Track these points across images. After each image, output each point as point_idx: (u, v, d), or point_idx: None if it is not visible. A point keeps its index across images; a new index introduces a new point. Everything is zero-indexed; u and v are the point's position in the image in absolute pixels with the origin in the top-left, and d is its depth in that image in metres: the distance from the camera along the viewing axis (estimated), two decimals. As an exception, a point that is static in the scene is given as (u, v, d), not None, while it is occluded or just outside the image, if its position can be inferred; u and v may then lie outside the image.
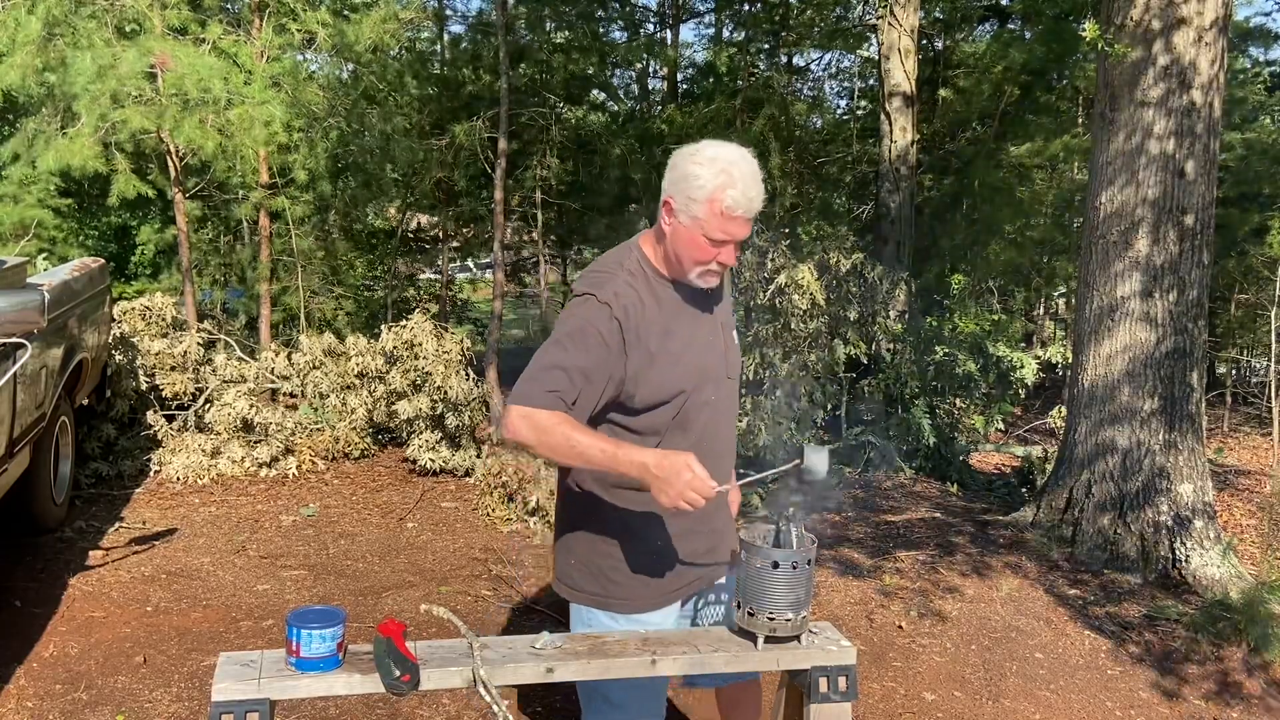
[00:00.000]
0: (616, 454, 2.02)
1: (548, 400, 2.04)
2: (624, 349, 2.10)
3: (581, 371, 2.07)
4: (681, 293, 2.23)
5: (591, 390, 2.09)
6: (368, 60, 8.89)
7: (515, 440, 2.06)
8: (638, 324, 2.12)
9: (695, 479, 1.96)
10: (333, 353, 7.50)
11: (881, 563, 5.35)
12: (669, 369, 2.16)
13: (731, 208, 2.11)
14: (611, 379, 2.11)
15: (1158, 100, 5.29)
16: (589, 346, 2.08)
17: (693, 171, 2.12)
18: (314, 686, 2.08)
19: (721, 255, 2.16)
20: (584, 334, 2.09)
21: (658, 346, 2.14)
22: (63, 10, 7.19)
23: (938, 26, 13.12)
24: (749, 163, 2.15)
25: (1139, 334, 5.41)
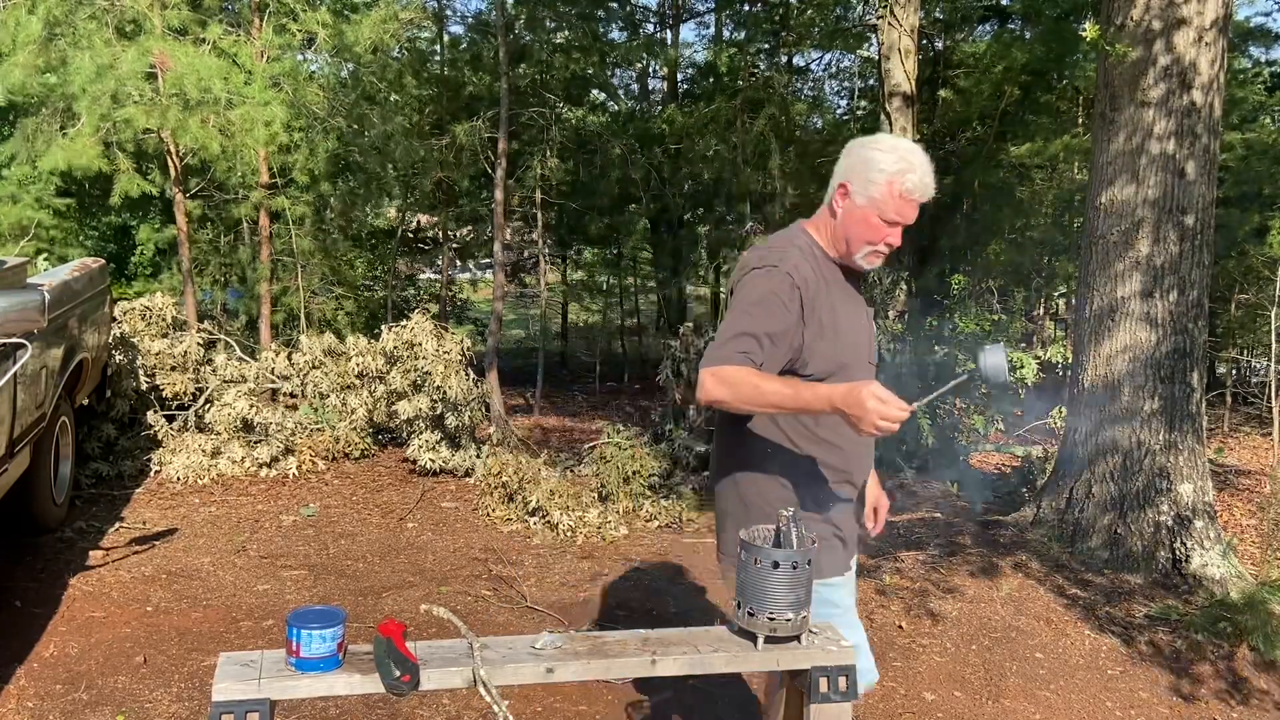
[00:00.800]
0: (802, 394, 2.12)
1: (738, 361, 2.15)
2: (802, 318, 2.23)
3: (768, 335, 2.19)
4: (842, 275, 2.38)
5: (777, 354, 2.21)
6: (368, 60, 8.89)
7: (709, 400, 2.16)
8: (814, 296, 2.25)
9: (885, 403, 2.01)
10: (333, 353, 7.50)
11: (882, 563, 5.35)
12: (835, 342, 2.28)
13: (910, 190, 2.26)
14: (792, 345, 2.23)
15: (1158, 100, 5.29)
16: (774, 312, 2.21)
17: (874, 156, 2.27)
18: (314, 686, 2.08)
19: (890, 236, 2.29)
20: (769, 301, 2.22)
21: (828, 319, 2.27)
22: (63, 10, 7.19)
23: (938, 26, 13.11)
24: (923, 153, 2.31)
25: (1139, 334, 5.41)
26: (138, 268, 14.10)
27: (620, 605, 4.68)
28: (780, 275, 2.25)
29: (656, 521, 5.93)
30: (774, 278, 2.25)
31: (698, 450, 6.86)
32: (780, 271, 2.25)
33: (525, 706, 3.59)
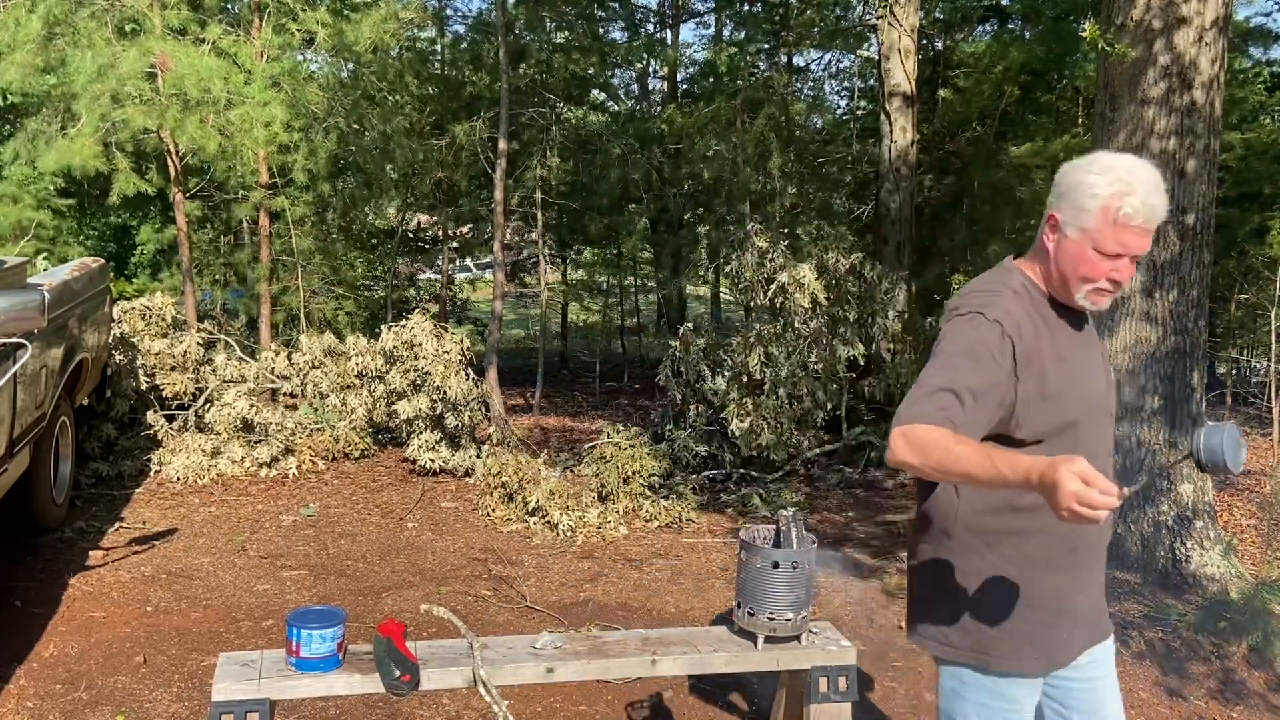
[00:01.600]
0: (999, 465, 1.78)
1: (934, 419, 1.87)
2: (1015, 372, 1.94)
3: (970, 391, 1.90)
4: (1066, 317, 2.06)
5: (980, 413, 1.91)
6: (368, 60, 8.89)
7: (896, 462, 1.91)
8: (1029, 345, 1.96)
9: (1088, 486, 1.66)
10: (333, 353, 7.50)
11: (882, 563, 5.35)
12: (1060, 397, 1.98)
13: (1129, 215, 1.91)
14: (1001, 403, 1.94)
15: (1158, 99, 5.29)
16: (980, 365, 1.92)
17: (1084, 180, 1.96)
18: (314, 686, 2.08)
19: (1115, 271, 1.96)
20: (974, 353, 1.93)
21: (1051, 371, 1.97)
22: (63, 10, 7.19)
23: (938, 26, 13.10)
24: (1148, 169, 1.97)
25: (1139, 333, 5.41)
26: (138, 268, 14.09)
27: (620, 605, 4.67)
28: (986, 325, 1.95)
29: (656, 521, 5.93)
30: (980, 326, 1.96)
31: (698, 450, 6.86)
32: (987, 319, 1.96)
33: (525, 706, 3.58)
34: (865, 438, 7.35)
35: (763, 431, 6.56)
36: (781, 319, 6.87)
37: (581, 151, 11.68)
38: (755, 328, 7.01)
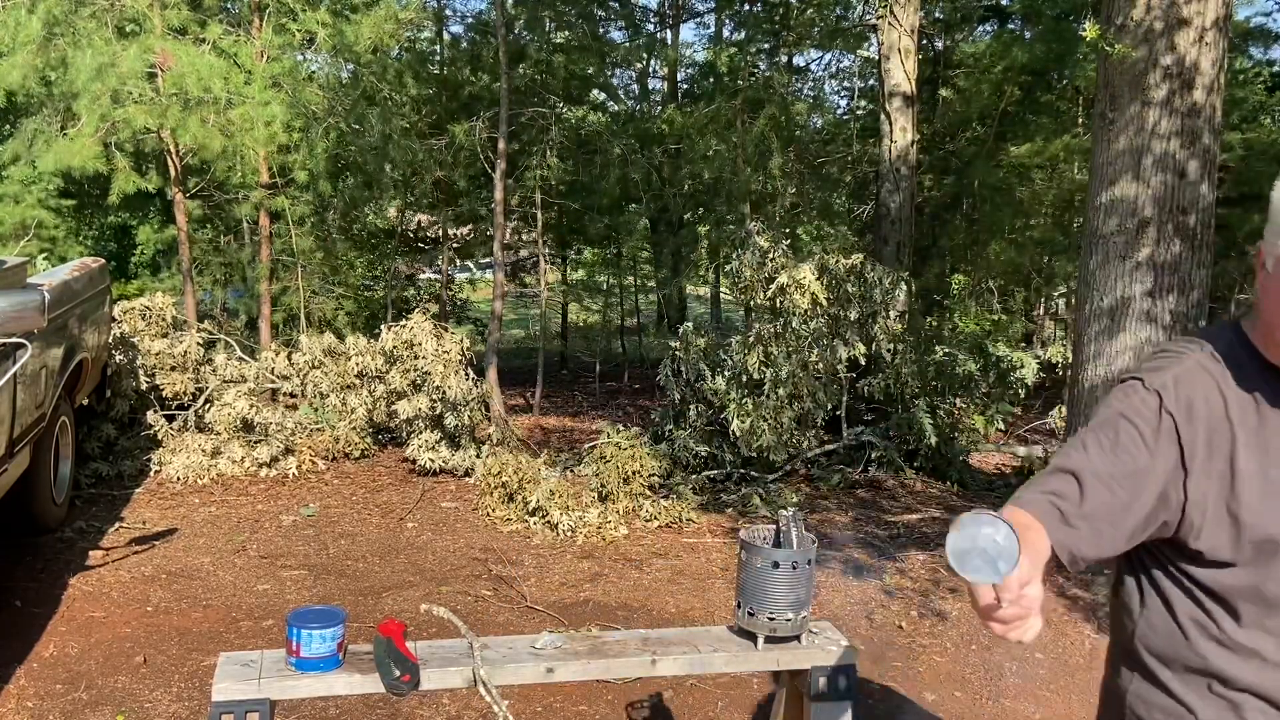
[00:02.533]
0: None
1: (1038, 505, 1.49)
2: (1181, 461, 1.48)
3: (1097, 476, 1.49)
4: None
5: (1112, 503, 1.48)
6: (367, 60, 8.89)
7: None
8: (1211, 428, 1.49)
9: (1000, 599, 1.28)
10: (333, 353, 7.50)
11: (882, 563, 5.35)
12: (1262, 503, 1.45)
13: None
14: (1156, 496, 1.48)
15: (1160, 100, 5.29)
16: (1119, 446, 1.50)
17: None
18: (314, 686, 2.08)
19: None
20: (1116, 429, 1.51)
21: (1246, 467, 1.47)
22: (63, 10, 7.19)
23: (938, 26, 13.10)
24: None
25: (1140, 334, 5.41)
26: (138, 268, 14.10)
27: (620, 605, 4.67)
28: (1142, 395, 1.52)
29: (656, 521, 5.93)
30: (1130, 396, 1.53)
31: (698, 450, 6.86)
32: (1145, 388, 1.52)
33: (525, 706, 3.58)
34: (865, 437, 7.35)
35: (763, 432, 6.56)
36: (781, 319, 6.87)
37: (581, 151, 11.68)
38: (755, 328, 7.01)
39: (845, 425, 7.50)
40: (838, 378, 7.11)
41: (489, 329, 9.62)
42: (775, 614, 2.22)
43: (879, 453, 7.26)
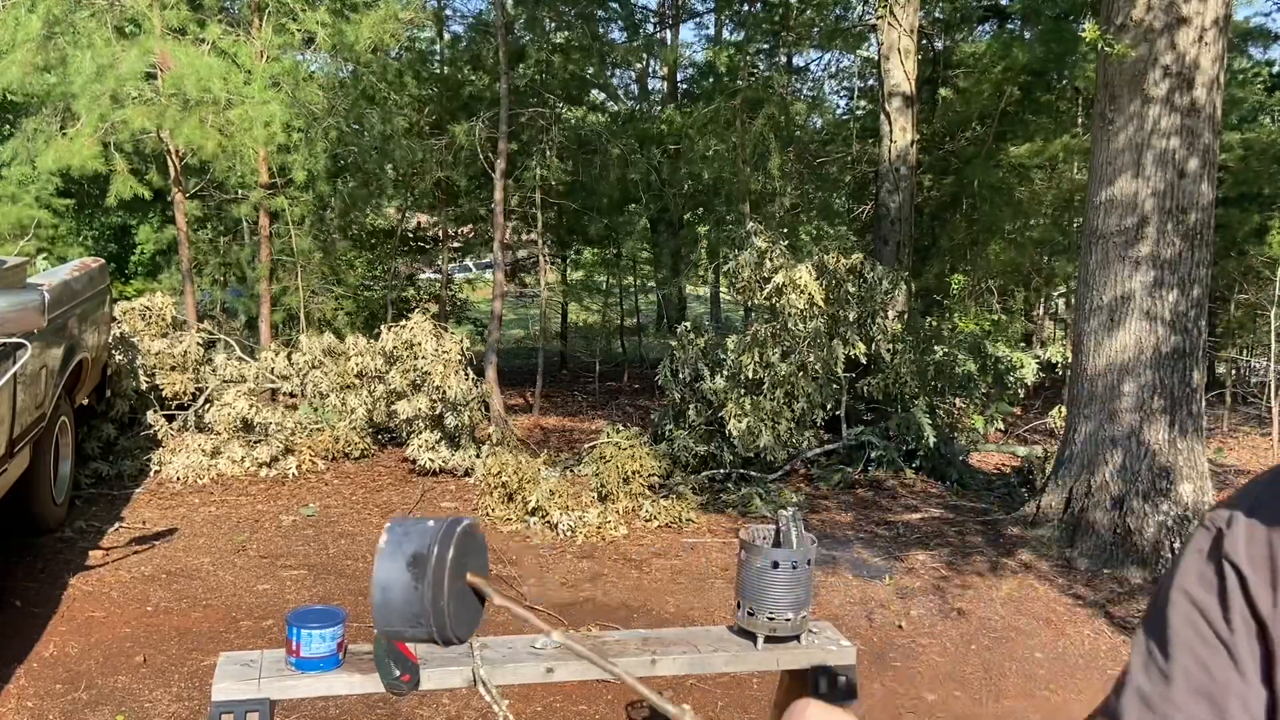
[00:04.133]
0: None
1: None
2: (1254, 653, 0.85)
3: (1163, 696, 0.89)
4: None
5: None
6: (367, 60, 8.89)
7: None
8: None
9: None
10: (332, 353, 7.50)
11: (882, 562, 5.35)
12: None
13: None
14: (1242, 705, 0.86)
15: (1160, 99, 5.29)
16: (1174, 639, 0.92)
17: None
18: (314, 686, 2.08)
19: None
20: (1175, 610, 0.92)
21: None
22: (63, 9, 7.19)
23: (938, 26, 13.10)
24: None
25: (1140, 333, 5.41)
26: (137, 267, 14.10)
27: (620, 605, 4.67)
28: (1201, 541, 0.92)
29: (656, 521, 5.92)
30: (1200, 552, 0.91)
31: (697, 450, 6.86)
32: (1204, 534, 0.92)
33: (525, 706, 3.58)
34: (865, 437, 7.35)
35: (761, 432, 6.56)
36: (779, 319, 6.87)
37: (581, 151, 11.67)
38: (754, 328, 7.01)
39: (845, 425, 7.50)
40: (836, 378, 7.11)
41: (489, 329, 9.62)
42: (775, 614, 2.22)
43: (878, 452, 7.26)
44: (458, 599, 1.20)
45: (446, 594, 1.18)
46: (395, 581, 1.26)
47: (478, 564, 1.27)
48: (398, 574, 1.24)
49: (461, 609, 1.22)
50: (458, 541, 1.22)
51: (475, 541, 1.27)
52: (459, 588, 1.19)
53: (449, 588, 1.17)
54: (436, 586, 1.20)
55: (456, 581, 1.19)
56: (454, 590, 1.19)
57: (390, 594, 1.26)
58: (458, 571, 1.19)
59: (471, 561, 1.25)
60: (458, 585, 1.19)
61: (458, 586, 1.19)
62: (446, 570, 1.17)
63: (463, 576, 1.21)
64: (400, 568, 1.24)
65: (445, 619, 1.21)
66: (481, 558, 1.28)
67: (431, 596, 1.18)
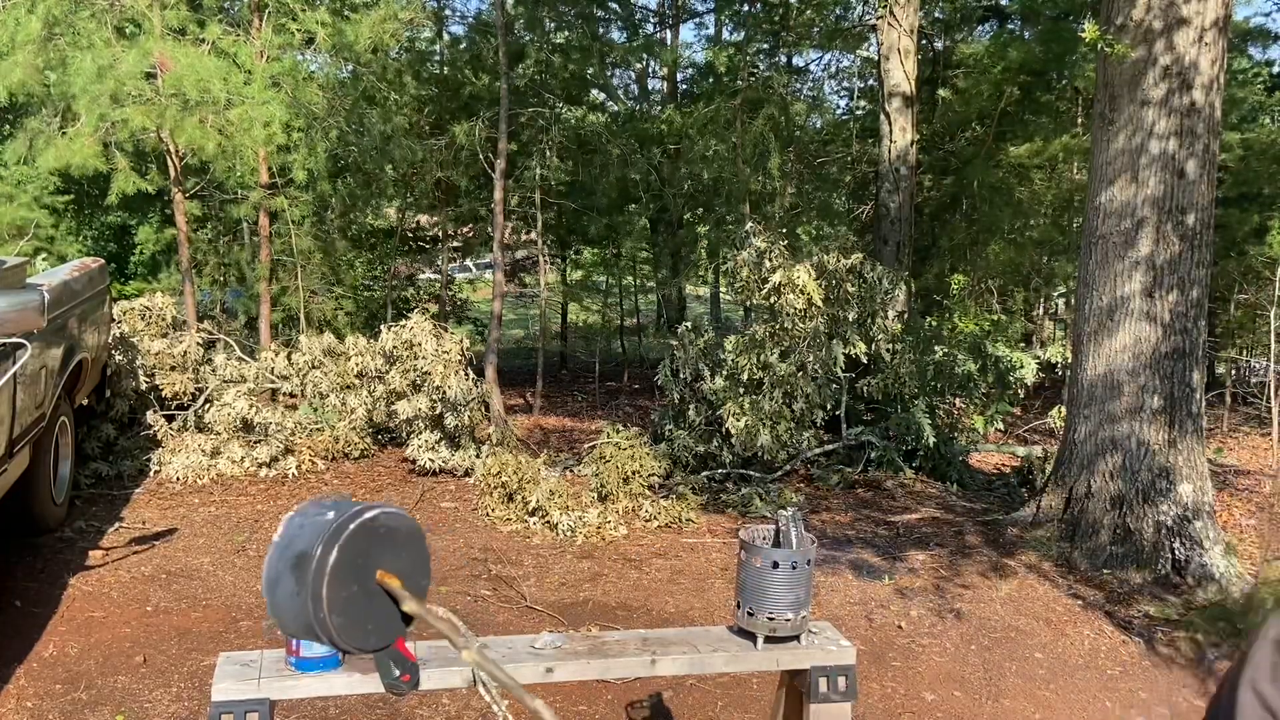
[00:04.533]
0: None
1: None
2: None
3: None
4: None
5: None
6: (367, 60, 8.89)
7: None
8: None
9: None
10: (332, 353, 7.50)
11: (881, 562, 5.35)
12: None
13: None
14: None
15: (1159, 100, 5.29)
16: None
17: None
18: (314, 686, 2.08)
19: None
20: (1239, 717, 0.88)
21: None
22: (63, 10, 7.19)
23: (938, 26, 13.11)
24: None
25: (1139, 333, 5.41)
26: (137, 267, 14.10)
27: (620, 605, 4.67)
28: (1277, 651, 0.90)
29: (656, 521, 5.93)
30: (1264, 663, 0.89)
31: (697, 450, 6.86)
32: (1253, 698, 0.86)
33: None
34: (865, 437, 7.35)
35: (760, 432, 6.56)
36: (778, 319, 6.87)
37: (581, 151, 11.68)
38: (753, 328, 7.01)
39: (845, 425, 7.50)
40: (836, 378, 7.11)
41: (488, 329, 9.62)
42: (775, 614, 2.22)
43: (878, 453, 7.26)
44: (355, 605, 1.03)
45: (327, 603, 0.99)
46: (281, 583, 1.10)
47: (398, 561, 1.06)
48: (284, 574, 1.10)
49: (366, 615, 1.06)
50: (350, 540, 1.02)
51: (392, 535, 1.05)
52: (354, 593, 1.03)
53: (331, 595, 0.98)
54: (315, 595, 1.02)
55: (348, 587, 1.02)
56: (346, 597, 1.03)
57: (276, 596, 1.11)
58: (350, 575, 1.01)
59: (386, 559, 1.05)
60: (351, 590, 1.02)
61: (351, 592, 1.03)
62: (326, 576, 0.99)
63: (363, 579, 1.03)
64: (286, 568, 1.08)
65: (329, 629, 1.03)
66: (406, 552, 1.05)
67: (312, 606, 1.02)
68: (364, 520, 1.04)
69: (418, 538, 1.06)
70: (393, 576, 1.02)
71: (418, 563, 1.03)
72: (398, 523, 1.00)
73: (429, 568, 0.97)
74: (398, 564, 1.03)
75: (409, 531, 1.05)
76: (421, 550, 1.03)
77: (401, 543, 1.07)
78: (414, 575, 1.02)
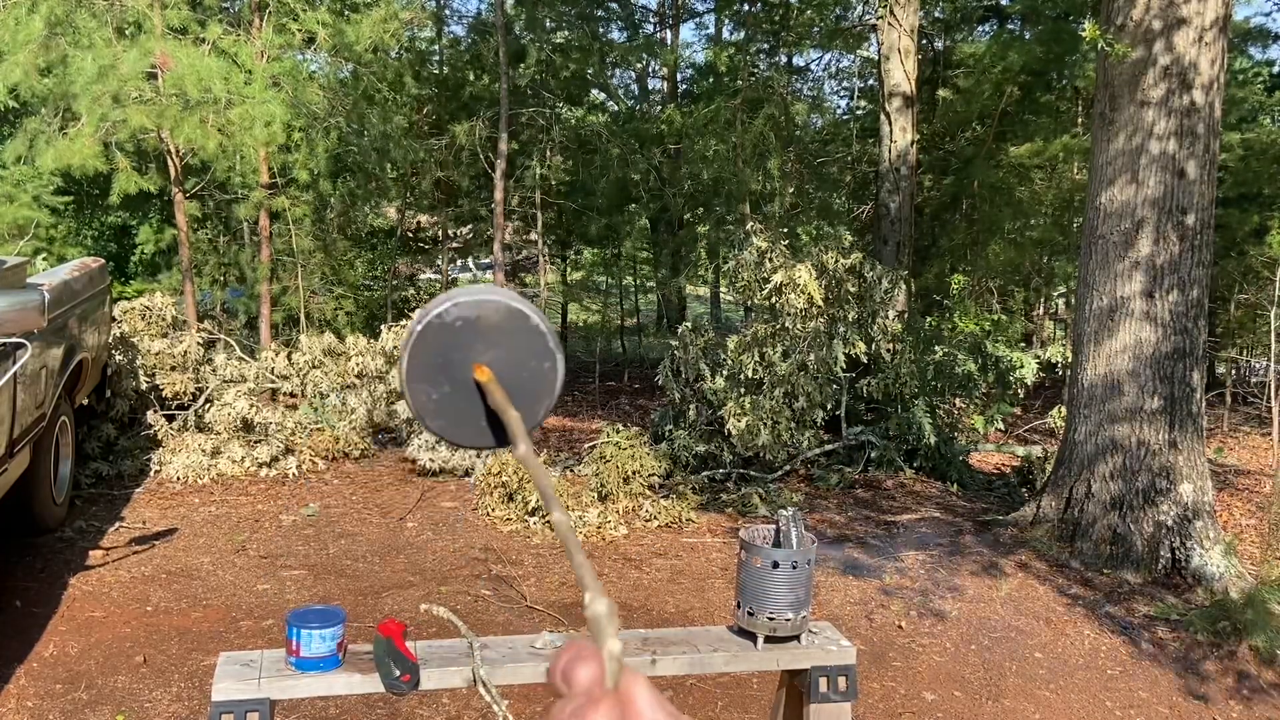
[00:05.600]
0: None
1: None
2: None
3: None
4: None
5: None
6: (368, 60, 8.89)
7: None
8: None
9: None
10: (333, 352, 7.50)
11: (881, 562, 5.35)
12: None
13: None
14: None
15: (1159, 100, 5.29)
16: None
17: None
18: (314, 686, 2.08)
19: None
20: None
21: None
22: (64, 10, 7.19)
23: (938, 26, 13.11)
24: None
25: (1140, 333, 5.41)
26: (137, 267, 14.09)
27: (620, 605, 4.67)
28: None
29: (656, 521, 5.93)
30: None
31: (697, 450, 6.86)
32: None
33: (525, 706, 3.58)
34: (865, 437, 7.35)
35: (760, 432, 6.56)
36: (779, 319, 6.87)
37: (581, 151, 11.68)
38: (754, 327, 7.01)
39: (845, 425, 7.50)
40: (836, 377, 7.10)
41: (489, 329, 9.60)
42: (775, 614, 2.22)
43: (878, 452, 7.26)
44: (452, 406, 0.91)
45: (418, 410, 0.86)
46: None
47: (493, 352, 0.90)
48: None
49: (473, 414, 0.87)
50: (421, 342, 0.90)
51: (474, 326, 0.90)
52: (447, 394, 0.83)
53: (419, 402, 0.84)
54: (408, 403, 0.92)
55: (437, 388, 0.83)
56: (438, 399, 0.83)
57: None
58: (435, 376, 0.82)
59: (480, 352, 0.90)
60: (443, 391, 0.83)
61: (444, 393, 0.83)
62: (406, 385, 0.84)
63: (455, 377, 0.82)
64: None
65: (438, 435, 0.88)
66: (503, 341, 0.89)
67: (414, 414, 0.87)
68: (430, 321, 0.89)
69: (514, 320, 0.85)
70: (484, 369, 0.85)
71: (518, 348, 0.83)
72: (479, 311, 0.81)
73: (543, 345, 0.75)
74: (493, 355, 0.86)
75: (500, 317, 0.84)
76: (522, 334, 0.81)
77: (492, 332, 0.90)
78: (514, 363, 0.81)
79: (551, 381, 0.71)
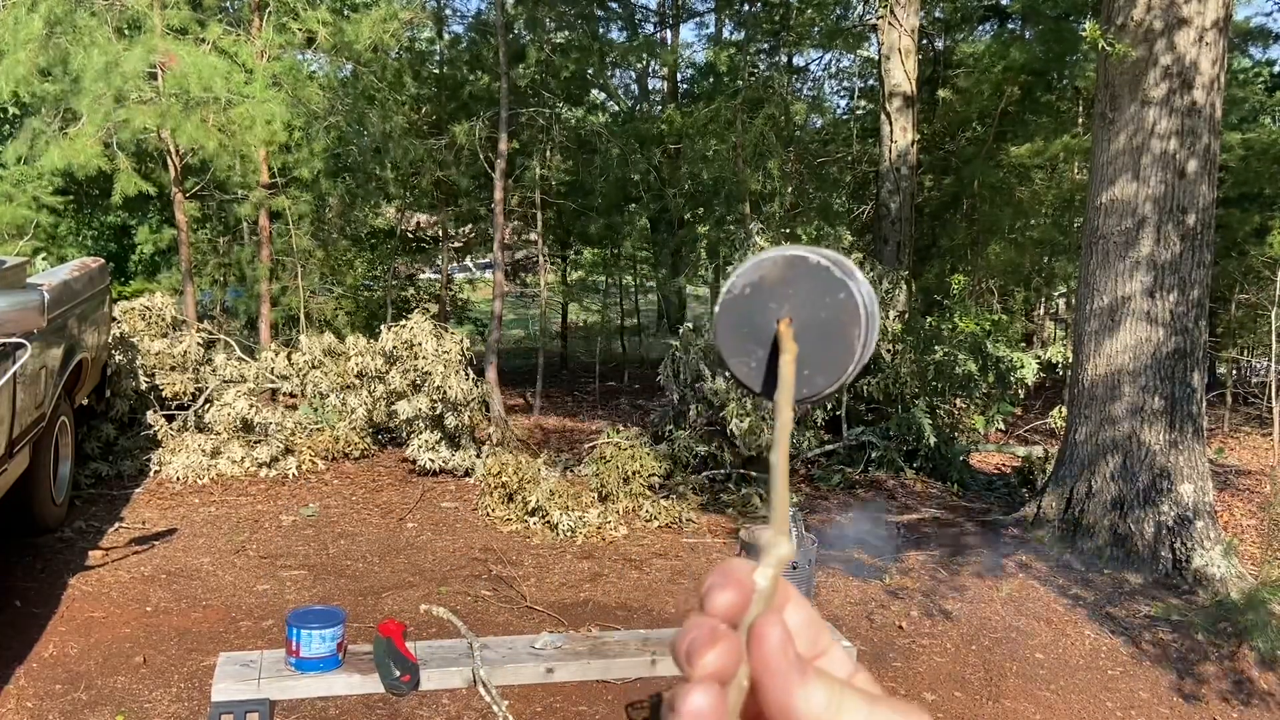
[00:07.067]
0: None
1: None
2: None
3: None
4: None
5: None
6: (367, 60, 8.89)
7: None
8: None
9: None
10: (332, 353, 7.49)
11: (881, 563, 5.35)
12: None
13: None
14: None
15: (1159, 100, 5.29)
16: None
17: None
18: (314, 686, 2.08)
19: None
20: None
21: None
22: (64, 9, 7.19)
23: (938, 26, 13.11)
24: None
25: (1140, 334, 5.41)
26: (137, 267, 14.09)
27: (620, 605, 4.67)
28: None
29: (656, 521, 5.92)
30: None
31: (698, 451, 6.86)
32: None
33: (525, 706, 3.58)
34: (865, 438, 7.35)
35: (762, 432, 6.56)
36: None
37: (581, 151, 11.68)
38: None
39: (845, 425, 7.49)
40: (837, 378, 7.09)
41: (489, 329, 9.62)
42: (775, 614, 2.22)
43: (879, 453, 7.26)
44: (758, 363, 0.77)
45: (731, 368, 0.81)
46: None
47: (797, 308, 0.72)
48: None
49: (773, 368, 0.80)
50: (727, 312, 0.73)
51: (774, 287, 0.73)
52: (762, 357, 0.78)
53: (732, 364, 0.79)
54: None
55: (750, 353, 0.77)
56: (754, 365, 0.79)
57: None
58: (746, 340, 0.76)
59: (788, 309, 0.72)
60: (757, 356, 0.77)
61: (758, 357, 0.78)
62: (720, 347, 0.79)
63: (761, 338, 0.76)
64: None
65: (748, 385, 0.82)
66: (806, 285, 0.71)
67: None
68: (723, 300, 0.82)
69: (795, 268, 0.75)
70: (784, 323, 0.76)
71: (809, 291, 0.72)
72: (760, 273, 0.70)
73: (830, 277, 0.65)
74: (788, 307, 0.77)
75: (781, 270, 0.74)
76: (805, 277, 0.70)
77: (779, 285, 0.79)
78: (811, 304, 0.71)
79: (852, 307, 0.66)
